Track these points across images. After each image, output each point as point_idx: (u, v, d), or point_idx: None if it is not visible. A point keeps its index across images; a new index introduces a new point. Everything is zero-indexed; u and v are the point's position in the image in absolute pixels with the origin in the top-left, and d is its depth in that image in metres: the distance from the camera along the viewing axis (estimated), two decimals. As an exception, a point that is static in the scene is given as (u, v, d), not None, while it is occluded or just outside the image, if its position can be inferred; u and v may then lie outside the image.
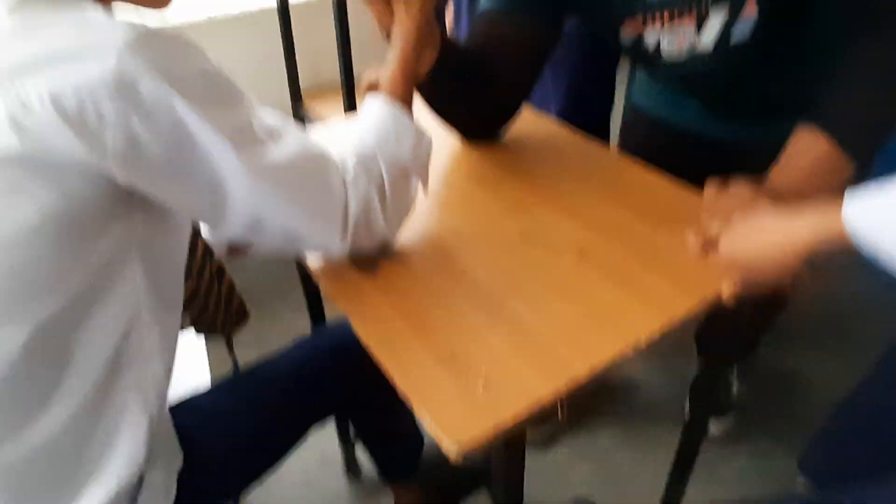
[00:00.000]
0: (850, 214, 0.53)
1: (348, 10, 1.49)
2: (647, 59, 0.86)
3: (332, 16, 1.48)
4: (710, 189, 0.75)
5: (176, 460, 0.63)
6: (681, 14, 0.78)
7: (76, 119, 0.45)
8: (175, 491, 0.61)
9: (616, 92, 1.40)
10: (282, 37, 1.74)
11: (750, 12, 0.75)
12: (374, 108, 0.66)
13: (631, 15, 0.81)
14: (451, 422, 0.51)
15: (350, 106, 1.60)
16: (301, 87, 1.86)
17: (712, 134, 0.98)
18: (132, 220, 0.53)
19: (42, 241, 0.47)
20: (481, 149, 0.93)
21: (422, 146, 0.66)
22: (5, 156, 0.45)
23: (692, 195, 0.79)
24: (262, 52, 1.84)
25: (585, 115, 1.27)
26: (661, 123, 1.06)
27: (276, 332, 1.61)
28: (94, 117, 0.45)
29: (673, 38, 0.81)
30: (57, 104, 0.44)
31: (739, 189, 0.72)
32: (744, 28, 0.76)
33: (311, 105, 1.86)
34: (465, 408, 0.52)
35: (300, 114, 1.86)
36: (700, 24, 0.78)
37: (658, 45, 0.83)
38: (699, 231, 0.69)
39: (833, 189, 0.71)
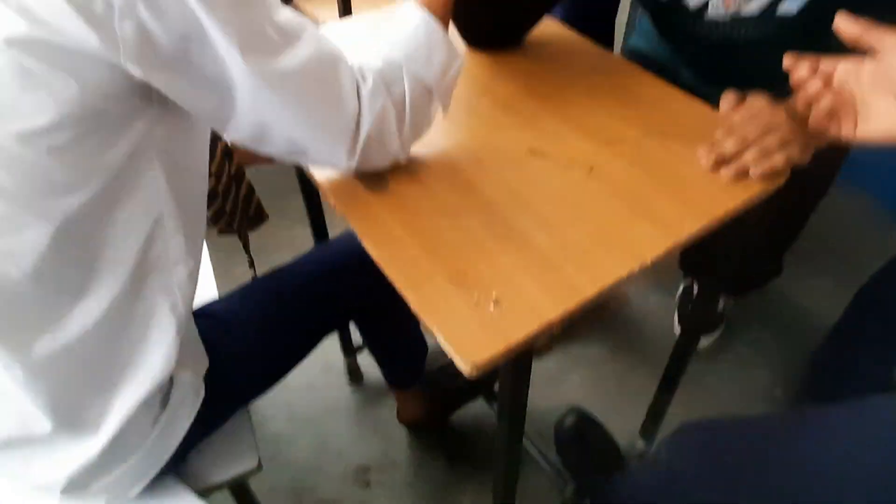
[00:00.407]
0: None
1: None
2: (680, 19, 0.81)
3: None
4: (726, 103, 0.73)
5: (202, 363, 0.66)
6: None
7: (84, 5, 0.43)
8: (203, 392, 0.64)
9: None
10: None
11: None
12: (410, 17, 0.62)
13: None
14: (463, 341, 0.52)
15: (346, 9, 1.51)
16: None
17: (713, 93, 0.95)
18: (151, 119, 0.52)
19: (62, 136, 0.47)
20: (489, 57, 0.89)
21: (452, 68, 0.63)
22: (16, 43, 0.43)
23: (702, 108, 0.77)
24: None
25: (590, 18, 1.21)
26: (656, 68, 1.02)
27: (273, 241, 1.62)
28: (100, 3, 0.43)
29: None
30: None
31: (757, 104, 0.70)
32: (793, 2, 0.73)
33: (302, 4, 1.76)
34: (476, 326, 0.53)
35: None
36: None
37: (704, 4, 0.78)
38: (712, 147, 0.68)
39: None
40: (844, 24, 0.60)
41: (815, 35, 0.77)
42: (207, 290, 0.87)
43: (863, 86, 0.60)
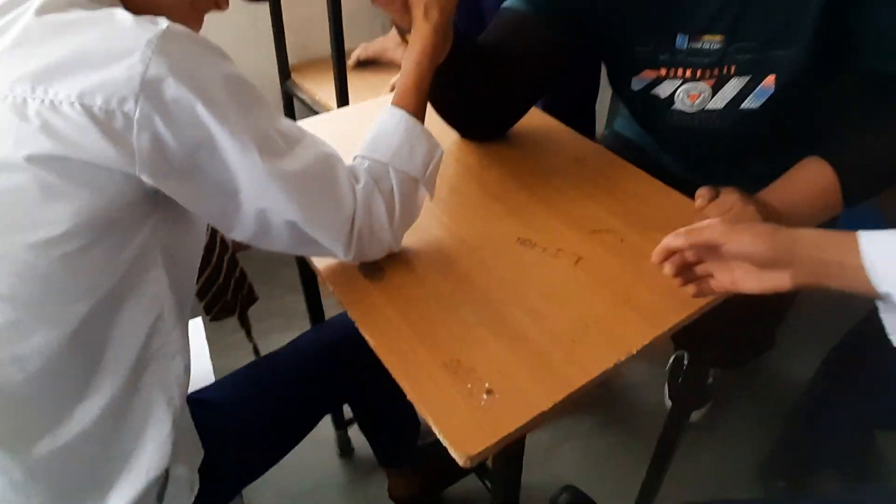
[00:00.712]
0: (867, 249, 0.53)
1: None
2: (653, 107, 0.88)
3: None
4: (700, 199, 0.78)
5: (197, 455, 0.66)
6: (703, 74, 0.81)
7: (104, 120, 0.46)
8: (198, 485, 0.64)
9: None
10: (270, 12, 1.71)
11: (767, 84, 0.78)
12: (390, 117, 0.66)
13: (653, 67, 0.83)
14: (457, 432, 0.54)
15: (341, 84, 1.58)
16: (289, 62, 1.83)
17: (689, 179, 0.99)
18: (157, 221, 0.55)
19: (75, 244, 0.49)
20: (478, 146, 0.94)
21: (434, 159, 0.67)
22: (38, 160, 0.46)
23: (682, 200, 0.82)
24: (249, 24, 1.81)
25: (571, 107, 1.28)
26: (638, 152, 1.08)
27: (266, 310, 1.64)
28: (120, 118, 0.47)
29: (688, 92, 0.84)
30: (85, 106, 0.46)
31: (729, 199, 0.75)
32: (757, 97, 0.80)
33: (299, 80, 1.84)
34: (469, 417, 0.55)
35: (288, 89, 1.84)
36: (718, 87, 0.81)
37: (672, 95, 0.85)
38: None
39: (814, 223, 0.76)
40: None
41: (777, 126, 0.83)
42: (204, 374, 0.88)
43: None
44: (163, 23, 0.49)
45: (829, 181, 0.74)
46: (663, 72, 0.84)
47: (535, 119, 0.99)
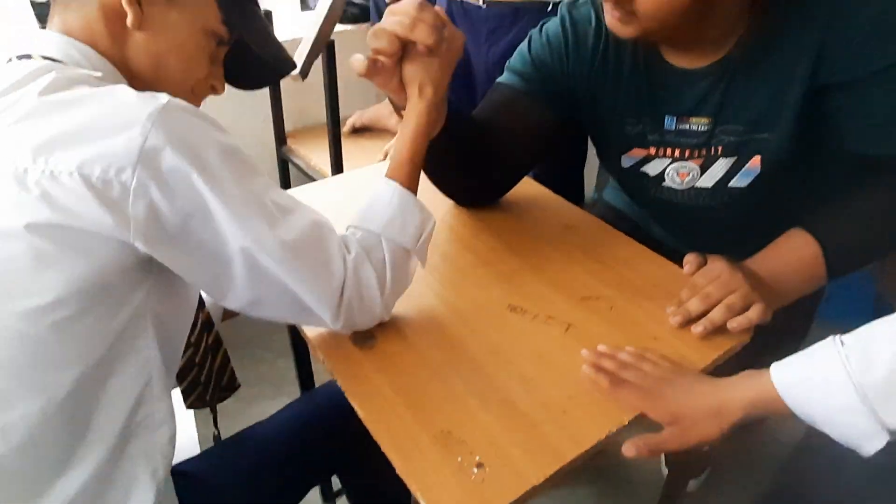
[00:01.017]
0: (780, 382, 0.57)
1: (336, 53, 1.51)
2: (643, 183, 0.91)
3: (319, 56, 1.51)
4: (689, 266, 0.79)
5: None
6: (691, 154, 0.84)
7: (101, 189, 0.48)
8: None
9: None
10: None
11: (753, 164, 0.82)
12: (383, 189, 0.67)
13: (643, 146, 0.86)
14: (447, 508, 0.53)
15: (335, 151, 1.62)
16: (285, 128, 1.88)
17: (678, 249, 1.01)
18: (149, 289, 0.55)
19: (66, 312, 0.49)
20: (469, 213, 0.96)
21: (426, 230, 0.68)
22: (36, 228, 0.47)
23: (671, 268, 0.83)
24: (247, 92, 1.86)
25: (558, 175, 1.31)
26: (628, 222, 1.10)
27: (255, 373, 1.61)
28: (117, 187, 0.48)
29: (677, 170, 0.87)
30: (84, 176, 0.47)
31: (717, 266, 0.76)
32: (744, 177, 0.83)
33: (295, 146, 1.88)
34: (460, 493, 0.54)
35: (283, 155, 1.88)
36: (706, 167, 0.85)
37: (662, 173, 0.88)
38: (678, 307, 0.73)
39: (799, 294, 0.77)
40: None
41: (766, 203, 0.85)
42: (188, 443, 0.86)
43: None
44: (163, 98, 0.51)
45: (814, 253, 0.75)
46: (652, 150, 0.87)
47: (526, 187, 1.02)
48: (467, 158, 0.87)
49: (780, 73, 0.75)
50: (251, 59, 0.69)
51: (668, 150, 0.86)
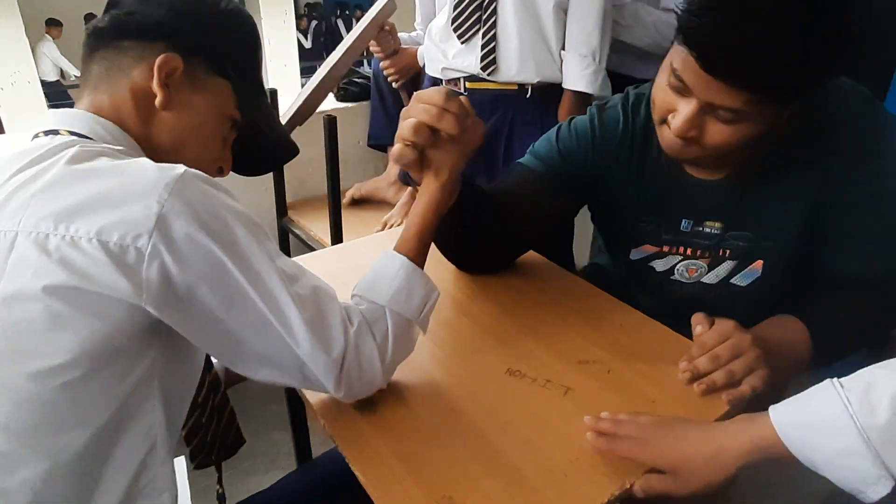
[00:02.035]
0: (780, 425, 0.57)
1: (338, 127, 1.58)
2: (648, 276, 0.96)
3: (322, 131, 1.58)
4: (700, 325, 0.78)
5: None
6: (702, 255, 0.90)
7: (117, 254, 0.50)
8: None
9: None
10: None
11: (755, 267, 0.89)
12: (391, 261, 0.69)
13: (655, 243, 0.91)
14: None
15: (335, 222, 1.66)
16: (286, 199, 1.93)
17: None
18: (157, 353, 0.56)
19: (76, 373, 0.50)
20: (468, 280, 0.98)
21: (430, 301, 0.70)
22: (53, 290, 0.49)
23: (664, 331, 0.85)
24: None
25: (549, 243, 1.35)
26: (620, 285, 1.13)
27: (250, 448, 1.58)
28: (133, 252, 0.50)
29: (687, 267, 0.93)
30: (102, 242, 0.50)
31: (727, 326, 0.76)
32: (745, 277, 0.90)
33: (295, 217, 1.93)
34: (462, 559, 0.54)
35: (284, 225, 1.92)
36: (713, 266, 0.91)
37: (671, 268, 0.94)
38: (689, 363, 0.74)
39: (786, 373, 0.80)
40: None
41: (763, 301, 0.89)
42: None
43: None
44: (180, 168, 0.54)
45: (800, 340, 0.79)
46: (665, 248, 0.92)
47: (524, 256, 1.05)
48: (475, 229, 0.90)
49: (787, 189, 0.82)
50: (260, 142, 0.74)
51: (681, 249, 0.92)
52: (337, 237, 1.62)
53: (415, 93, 0.69)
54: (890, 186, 0.79)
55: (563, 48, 1.44)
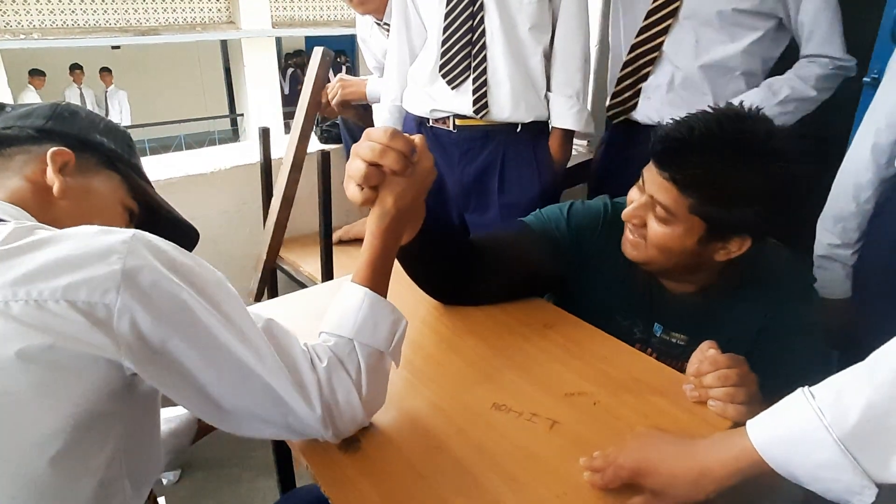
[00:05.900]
0: (758, 443, 0.57)
1: (331, 166, 1.59)
2: (636, 339, 1.00)
3: (307, 170, 1.59)
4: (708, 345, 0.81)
5: None
6: (668, 363, 0.91)
7: (87, 311, 0.50)
8: None
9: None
10: (262, 190, 1.84)
11: None
12: (353, 293, 0.69)
13: (628, 340, 0.93)
14: None
15: (327, 259, 1.66)
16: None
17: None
18: (122, 427, 0.55)
19: (59, 444, 0.49)
20: (452, 315, 0.98)
21: (398, 331, 0.70)
22: (27, 355, 0.48)
23: (650, 362, 0.85)
24: (235, 209, 1.92)
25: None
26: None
27: (236, 496, 1.54)
28: (102, 308, 0.50)
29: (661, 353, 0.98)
30: (70, 301, 0.50)
31: (738, 359, 0.78)
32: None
33: (284, 254, 1.93)
34: None
35: (272, 263, 1.92)
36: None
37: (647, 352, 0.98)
38: (698, 382, 0.76)
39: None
40: None
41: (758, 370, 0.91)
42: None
43: None
44: (127, 230, 0.55)
45: None
46: (637, 346, 0.93)
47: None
48: (443, 260, 0.91)
49: (741, 313, 0.92)
50: (161, 226, 0.76)
51: (649, 351, 0.96)
52: (328, 273, 1.62)
53: (365, 130, 0.72)
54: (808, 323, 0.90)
55: (549, 90, 1.51)
